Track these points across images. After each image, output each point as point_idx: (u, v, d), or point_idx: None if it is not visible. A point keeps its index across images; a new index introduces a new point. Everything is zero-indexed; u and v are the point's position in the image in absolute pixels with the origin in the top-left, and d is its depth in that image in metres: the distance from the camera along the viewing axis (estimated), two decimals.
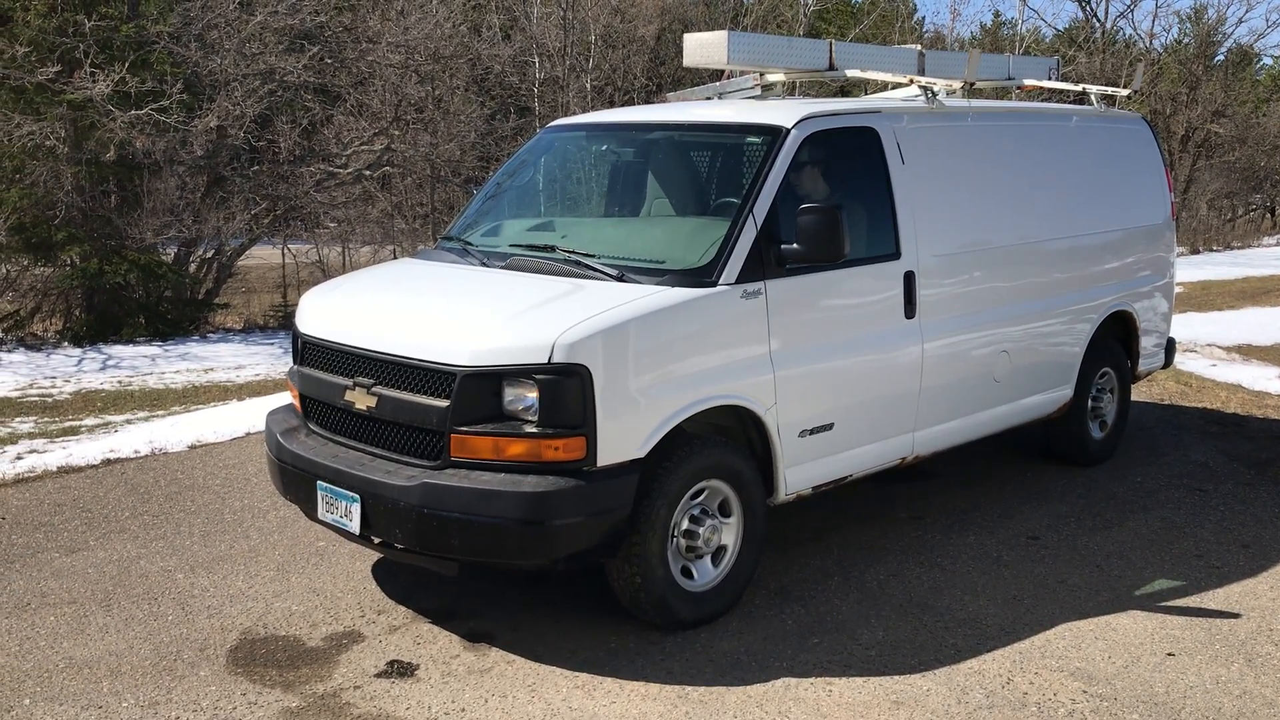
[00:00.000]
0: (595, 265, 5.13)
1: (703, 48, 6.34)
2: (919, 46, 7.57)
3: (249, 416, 8.62)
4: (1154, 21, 52.41)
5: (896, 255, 5.77)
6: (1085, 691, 4.50)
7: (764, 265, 5.11)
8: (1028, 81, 7.94)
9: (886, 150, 5.81)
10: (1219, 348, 12.42)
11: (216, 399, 10.00)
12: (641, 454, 4.69)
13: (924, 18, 38.12)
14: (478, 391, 4.56)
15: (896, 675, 4.61)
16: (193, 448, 7.86)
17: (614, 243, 5.62)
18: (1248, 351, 12.45)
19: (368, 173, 17.92)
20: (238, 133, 14.95)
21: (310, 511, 5.15)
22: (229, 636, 4.95)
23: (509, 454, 4.54)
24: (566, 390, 4.49)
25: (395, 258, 22.22)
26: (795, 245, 5.10)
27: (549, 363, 4.48)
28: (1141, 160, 7.79)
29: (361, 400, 4.91)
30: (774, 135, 5.40)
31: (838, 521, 6.34)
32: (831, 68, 6.76)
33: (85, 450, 7.70)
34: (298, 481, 5.15)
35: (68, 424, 8.84)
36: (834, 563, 5.78)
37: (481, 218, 6.26)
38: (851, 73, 6.75)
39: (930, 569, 5.73)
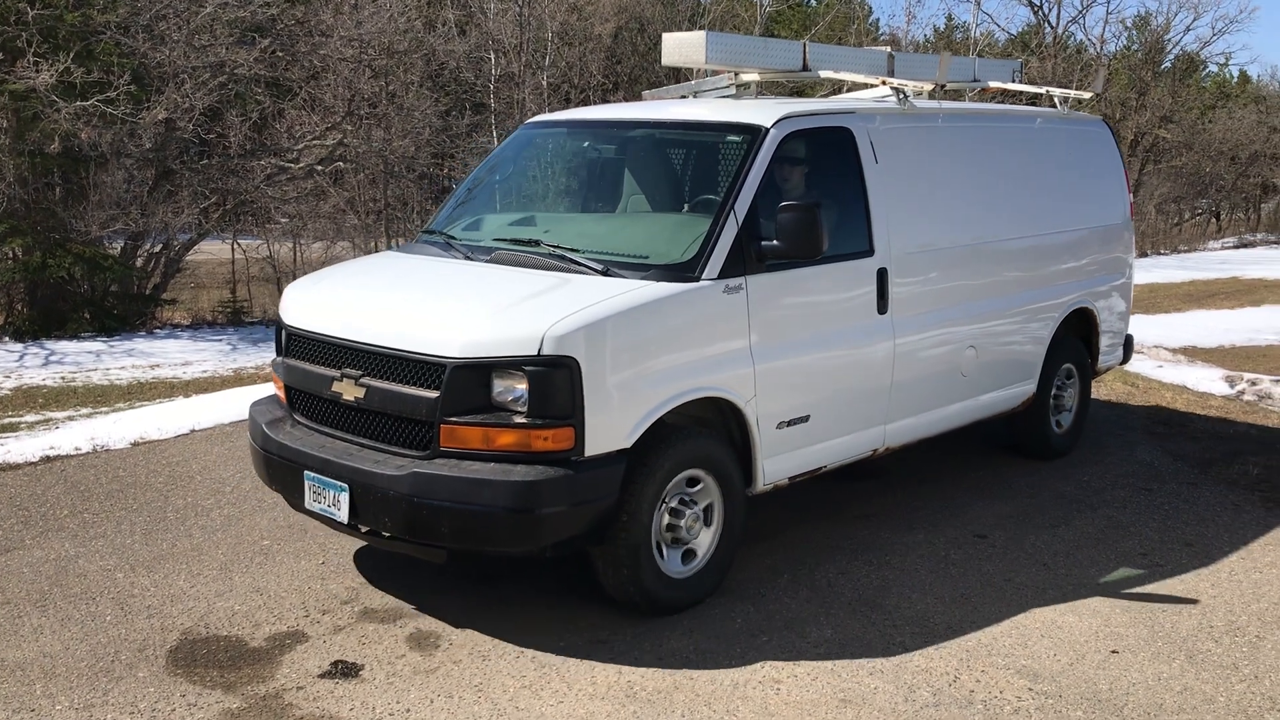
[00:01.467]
0: (580, 260, 5.20)
1: (681, 47, 6.40)
2: (888, 49, 7.63)
3: (195, 413, 8.48)
4: (1104, 27, 53.17)
5: (870, 252, 5.88)
6: (1031, 689, 4.53)
7: (745, 261, 5.21)
8: (992, 83, 8.07)
9: (860, 149, 5.92)
10: (1165, 349, 12.61)
11: (162, 396, 9.84)
12: (628, 444, 4.76)
13: (879, 20, 38.39)
14: (467, 383, 4.62)
15: (844, 673, 4.61)
16: (136, 445, 7.71)
17: (597, 238, 5.66)
18: (1193, 353, 12.65)
19: (319, 167, 17.72)
20: (187, 125, 14.73)
21: (296, 501, 5.17)
22: (169, 637, 4.85)
23: (499, 444, 4.60)
24: (556, 381, 4.56)
25: (349, 254, 21.98)
26: (775, 242, 5.20)
27: (539, 355, 4.55)
28: (1102, 161, 7.96)
29: (349, 391, 4.95)
30: (754, 134, 5.50)
31: (788, 520, 6.34)
32: (805, 68, 6.84)
33: (24, 447, 7.52)
34: (284, 471, 5.17)
35: (7, 420, 8.65)
36: (783, 561, 5.78)
37: (462, 212, 6.29)
38: (825, 74, 6.81)
39: (879, 567, 5.74)
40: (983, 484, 7.16)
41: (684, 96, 7.19)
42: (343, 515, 4.86)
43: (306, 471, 5.01)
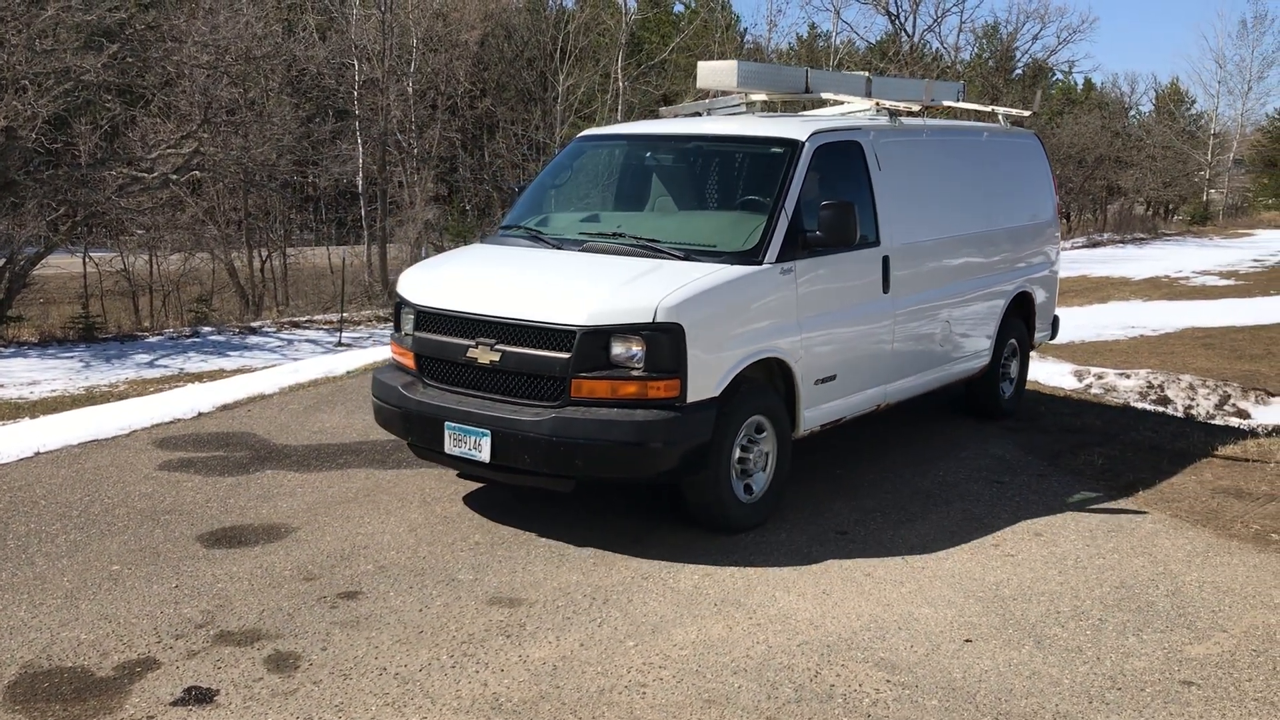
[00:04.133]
0: (663, 248, 6.32)
1: (715, 73, 7.78)
2: (866, 73, 9.02)
3: (41, 435, 8.10)
4: (958, 35, 55.05)
5: (877, 243, 7.11)
6: (889, 681, 4.64)
7: (794, 248, 6.37)
8: (945, 102, 9.29)
9: (868, 159, 7.16)
10: None
11: (6, 417, 9.40)
12: (716, 393, 5.89)
13: (746, 29, 39.01)
14: (593, 346, 5.70)
15: (709, 674, 4.66)
16: None
17: (669, 231, 6.71)
18: (1043, 349, 13.16)
19: (175, 177, 17.15)
20: (30, 134, 14.10)
21: (432, 449, 6.20)
22: (7, 671, 4.61)
23: (622, 393, 5.70)
24: (666, 343, 5.68)
25: (210, 265, 21.34)
26: (817, 232, 6.37)
27: (654, 322, 5.67)
28: (1035, 168, 9.40)
29: (485, 356, 5.99)
30: (794, 147, 6.69)
31: (652, 525, 6.38)
32: (808, 90, 8.23)
33: None
34: (423, 424, 6.18)
35: None
36: (649, 565, 5.81)
37: (531, 211, 7.40)
38: (826, 95, 8.17)
39: (743, 567, 5.82)
40: (843, 482, 7.33)
41: (699, 114, 8.48)
42: (484, 456, 5.88)
43: (447, 423, 6.01)
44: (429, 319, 6.36)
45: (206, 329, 17.37)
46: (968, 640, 5.03)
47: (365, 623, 5.09)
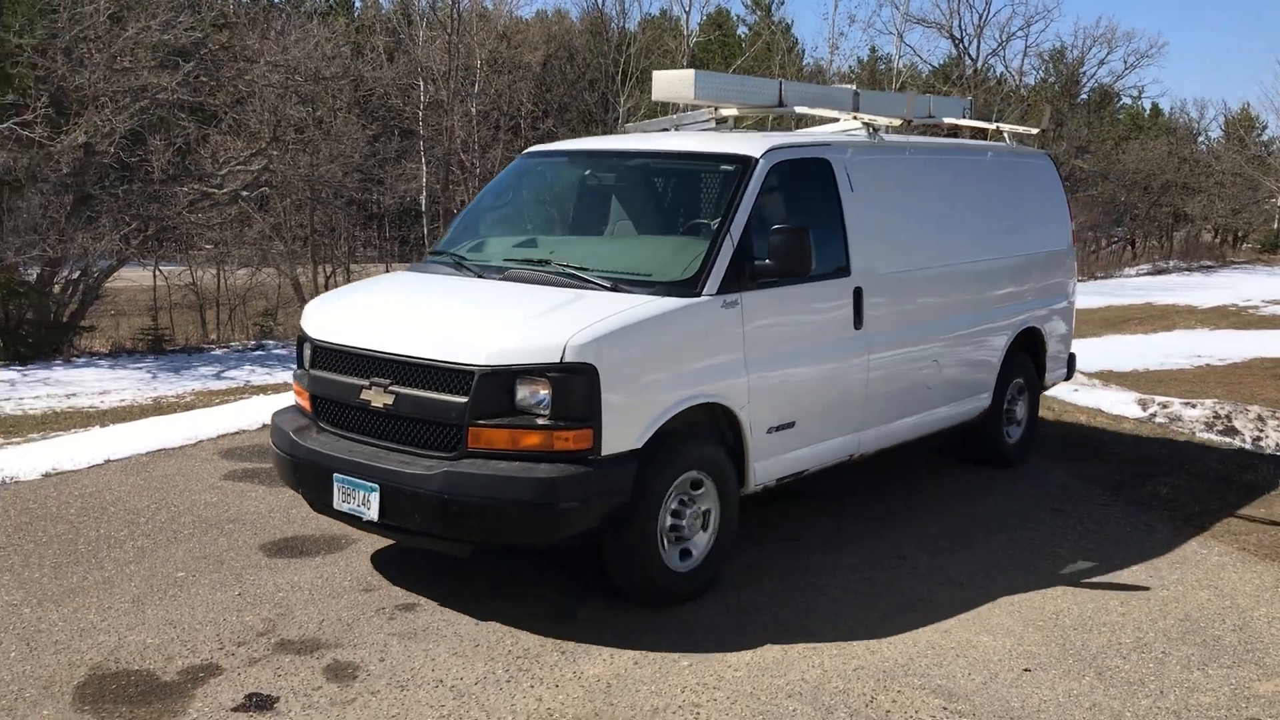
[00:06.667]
0: (590, 277, 5.60)
1: (671, 85, 6.97)
2: (854, 86, 8.24)
3: (111, 443, 8.31)
4: (1023, 60, 54.50)
5: (847, 273, 6.36)
6: (946, 708, 4.59)
7: (740, 278, 5.64)
8: (947, 119, 8.56)
9: (838, 179, 6.41)
10: (1081, 373, 12.86)
11: (78, 425, 9.63)
12: (639, 445, 5.14)
13: (804, 50, 39.00)
14: (493, 389, 4.98)
15: (763, 696, 4.64)
16: (47, 476, 7.52)
17: (602, 257, 6.02)
18: (1108, 377, 12.97)
19: (244, 193, 17.51)
20: (107, 150, 14.49)
21: (322, 502, 5.51)
22: (76, 672, 4.73)
23: (524, 444, 4.97)
24: (576, 387, 4.94)
25: (274, 280, 21.72)
26: (767, 261, 5.63)
27: (561, 362, 4.94)
28: (1047, 192, 8.60)
29: (378, 399, 5.30)
30: (745, 164, 5.97)
31: None
32: (781, 104, 7.44)
33: None
34: (312, 475, 5.49)
35: None
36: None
37: (466, 235, 6.69)
38: (800, 109, 7.41)
39: (801, 590, 5.79)
40: (902, 507, 7.27)
41: (666, 130, 7.68)
42: (372, 514, 5.19)
43: (335, 474, 5.33)
44: (324, 355, 5.68)
45: (271, 342, 17.68)
46: (1026, 669, 4.97)
47: (422, 635, 5.15)
